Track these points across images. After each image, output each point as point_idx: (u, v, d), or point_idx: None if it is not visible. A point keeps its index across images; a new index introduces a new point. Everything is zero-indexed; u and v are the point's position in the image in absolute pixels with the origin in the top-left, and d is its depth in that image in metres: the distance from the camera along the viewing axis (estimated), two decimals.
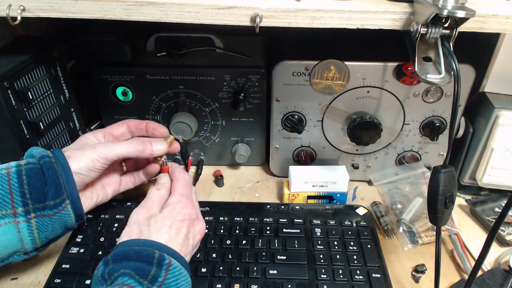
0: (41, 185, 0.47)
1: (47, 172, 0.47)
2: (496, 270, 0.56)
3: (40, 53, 0.58)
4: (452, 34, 0.47)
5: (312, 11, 0.47)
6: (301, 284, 0.52)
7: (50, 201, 0.47)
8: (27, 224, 0.46)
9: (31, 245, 0.48)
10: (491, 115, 0.63)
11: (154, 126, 0.60)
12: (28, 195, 0.46)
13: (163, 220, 0.48)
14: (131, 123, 0.61)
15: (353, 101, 0.65)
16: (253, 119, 0.72)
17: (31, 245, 0.48)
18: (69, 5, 0.47)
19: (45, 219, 0.47)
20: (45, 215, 0.47)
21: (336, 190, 0.66)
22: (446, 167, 0.46)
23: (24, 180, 0.46)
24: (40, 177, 0.47)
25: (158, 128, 0.60)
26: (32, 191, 0.46)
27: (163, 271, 0.42)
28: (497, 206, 0.67)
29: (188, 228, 0.49)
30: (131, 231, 0.48)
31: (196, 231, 0.51)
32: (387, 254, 0.59)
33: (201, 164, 0.77)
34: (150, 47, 0.72)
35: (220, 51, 0.72)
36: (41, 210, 0.47)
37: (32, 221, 0.46)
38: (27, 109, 0.55)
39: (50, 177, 0.47)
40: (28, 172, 0.46)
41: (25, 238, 0.47)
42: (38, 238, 0.47)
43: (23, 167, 0.47)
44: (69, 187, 0.49)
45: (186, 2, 0.47)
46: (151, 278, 0.41)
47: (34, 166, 0.47)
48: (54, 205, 0.47)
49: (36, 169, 0.47)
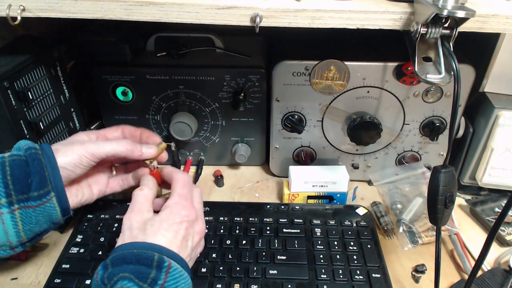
0: (24, 176, 0.46)
1: (32, 163, 0.47)
2: (496, 270, 0.56)
3: (40, 53, 0.58)
4: (452, 34, 0.47)
5: (312, 11, 0.47)
6: (301, 284, 0.52)
7: (34, 192, 0.46)
8: (11, 216, 0.46)
9: (16, 238, 0.47)
10: (491, 115, 0.63)
11: (148, 134, 0.59)
12: (11, 185, 0.45)
13: (160, 223, 0.47)
14: (126, 129, 0.60)
15: (353, 101, 0.65)
16: (253, 119, 0.72)
17: (16, 239, 0.47)
18: (69, 5, 0.47)
19: (29, 210, 0.46)
20: (28, 207, 0.46)
21: (336, 190, 0.66)
22: (446, 167, 0.46)
23: (8, 171, 0.45)
24: (24, 168, 0.46)
25: (152, 136, 0.59)
26: (15, 182, 0.46)
27: (162, 273, 0.42)
28: (497, 206, 0.67)
29: (186, 230, 0.48)
30: (125, 238, 0.46)
31: (195, 232, 0.50)
32: (387, 254, 0.59)
33: (201, 164, 0.77)
34: (150, 47, 0.72)
35: (220, 51, 0.72)
36: (24, 201, 0.46)
37: (15, 213, 0.46)
38: (27, 109, 0.55)
39: (34, 168, 0.47)
40: (12, 163, 0.46)
41: (9, 230, 0.46)
42: (22, 231, 0.47)
43: (7, 159, 0.46)
44: (55, 180, 0.48)
45: (186, 2, 0.47)
46: (150, 281, 0.40)
47: (18, 157, 0.47)
48: (38, 196, 0.47)
49: (20, 160, 0.47)
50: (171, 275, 0.42)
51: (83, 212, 0.62)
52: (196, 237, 0.50)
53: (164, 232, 0.46)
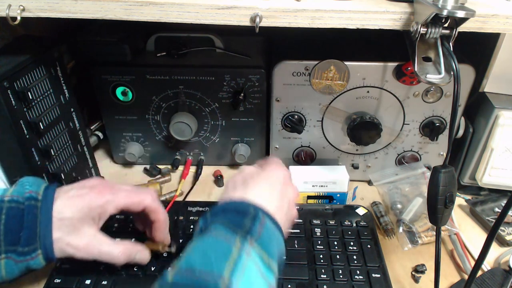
0: (17, 229, 0.45)
1: (26, 216, 0.45)
2: (496, 270, 0.56)
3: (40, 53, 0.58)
4: (452, 34, 0.46)
5: (312, 11, 0.47)
6: (301, 284, 0.52)
7: (20, 247, 0.45)
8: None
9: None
10: (491, 115, 0.63)
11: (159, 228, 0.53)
12: (2, 236, 0.44)
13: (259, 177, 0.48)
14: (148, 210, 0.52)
15: (353, 101, 0.65)
16: (253, 119, 0.72)
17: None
18: (69, 5, 0.47)
19: (12, 262, 0.45)
20: (13, 259, 0.45)
21: (336, 190, 0.66)
22: (446, 167, 0.46)
23: (2, 220, 0.44)
24: (19, 219, 0.45)
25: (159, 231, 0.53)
26: (7, 233, 0.44)
27: (257, 225, 0.41)
28: (497, 206, 0.67)
29: (282, 185, 0.48)
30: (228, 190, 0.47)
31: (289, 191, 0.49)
32: (387, 254, 0.59)
33: (201, 164, 0.77)
34: (150, 47, 0.72)
35: (220, 51, 0.72)
36: (11, 252, 0.45)
37: (1, 262, 0.45)
38: (27, 109, 0.55)
39: (27, 222, 0.45)
40: (9, 211, 0.45)
41: None
42: (5, 277, 0.45)
43: (5, 204, 0.45)
44: (44, 237, 0.45)
45: (186, 2, 0.47)
46: (246, 230, 0.40)
47: (16, 205, 0.45)
48: (22, 252, 0.45)
49: (18, 209, 0.45)
50: (265, 228, 0.41)
51: None
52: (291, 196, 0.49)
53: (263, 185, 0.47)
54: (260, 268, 0.39)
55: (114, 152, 0.77)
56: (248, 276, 0.38)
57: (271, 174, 0.49)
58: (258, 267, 0.39)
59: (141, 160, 0.77)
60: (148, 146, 0.76)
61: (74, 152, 0.66)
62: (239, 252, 0.38)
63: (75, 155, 0.66)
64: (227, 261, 0.37)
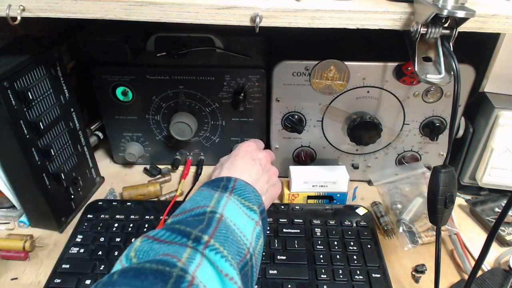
0: None
1: None
2: (496, 270, 0.56)
3: (40, 53, 0.58)
4: (452, 34, 0.46)
5: (312, 11, 0.47)
6: (301, 284, 0.52)
7: None
8: None
9: None
10: (491, 115, 0.63)
11: None
12: None
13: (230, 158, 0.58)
14: None
15: (353, 101, 0.65)
16: (253, 119, 0.72)
17: None
18: (69, 5, 0.47)
19: None
20: None
21: (336, 190, 0.66)
22: (446, 167, 0.46)
23: None
24: None
25: None
26: None
27: (231, 183, 0.49)
28: (497, 206, 0.67)
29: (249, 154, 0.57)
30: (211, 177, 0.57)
31: (259, 155, 0.58)
32: (387, 254, 0.59)
33: (201, 164, 0.77)
34: (150, 47, 0.72)
35: (220, 51, 0.72)
36: None
37: None
38: (27, 109, 0.55)
39: None
40: None
41: None
42: None
43: None
44: None
45: (186, 2, 0.47)
46: (222, 187, 0.48)
47: None
48: None
49: None
50: (238, 183, 0.49)
51: (83, 212, 0.62)
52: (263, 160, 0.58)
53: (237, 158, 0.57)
54: (241, 208, 0.47)
55: (114, 152, 0.77)
56: (230, 209, 0.45)
57: (239, 152, 0.58)
58: (239, 207, 0.46)
59: (141, 160, 0.77)
60: (148, 146, 0.76)
61: (74, 152, 0.66)
62: (220, 196, 0.47)
63: (75, 155, 0.66)
64: (211, 199, 0.46)
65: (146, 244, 0.38)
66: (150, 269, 0.34)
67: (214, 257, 0.38)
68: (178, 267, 0.34)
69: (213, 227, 0.41)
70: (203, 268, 0.36)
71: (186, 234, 0.39)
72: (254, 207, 0.48)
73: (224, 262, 0.38)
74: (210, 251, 0.38)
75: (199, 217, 0.43)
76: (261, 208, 0.49)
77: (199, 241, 0.39)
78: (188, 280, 0.33)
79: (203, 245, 0.38)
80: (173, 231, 0.40)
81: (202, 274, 0.36)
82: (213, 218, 0.42)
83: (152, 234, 0.40)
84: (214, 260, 0.38)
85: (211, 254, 0.38)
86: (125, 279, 0.33)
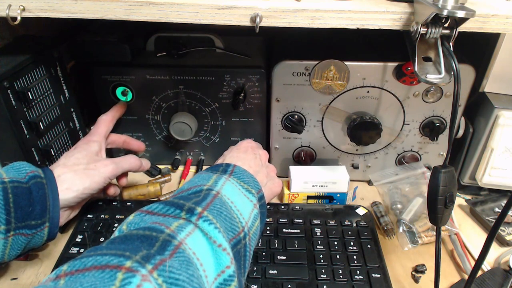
0: (27, 204, 0.47)
1: (36, 192, 0.47)
2: (496, 270, 0.56)
3: (40, 53, 0.58)
4: (452, 34, 0.46)
5: (312, 11, 0.47)
6: (301, 284, 0.52)
7: (32, 221, 0.47)
8: (4, 241, 0.46)
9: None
10: (491, 115, 0.63)
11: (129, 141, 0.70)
12: (13, 213, 0.46)
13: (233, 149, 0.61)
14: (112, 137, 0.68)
15: (353, 101, 0.65)
16: (253, 119, 0.72)
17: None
18: (69, 5, 0.47)
19: (20, 237, 0.47)
20: (22, 234, 0.47)
21: (336, 190, 0.66)
22: (446, 167, 0.46)
23: (10, 198, 0.46)
24: (28, 196, 0.47)
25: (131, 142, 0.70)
26: (17, 210, 0.46)
27: (230, 168, 0.50)
28: (497, 206, 0.67)
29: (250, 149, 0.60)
30: None
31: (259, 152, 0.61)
32: (387, 254, 0.59)
33: (201, 164, 0.77)
34: (150, 47, 0.72)
35: (220, 51, 0.72)
36: (21, 228, 0.47)
37: (9, 239, 0.46)
38: (27, 109, 0.55)
39: (38, 198, 0.47)
40: (14, 190, 0.46)
41: None
42: (7, 255, 0.47)
43: (8, 185, 0.46)
44: (53, 211, 0.49)
45: (186, 2, 0.47)
46: (221, 170, 0.50)
47: (20, 185, 0.47)
48: (35, 225, 0.48)
49: (23, 188, 0.47)
50: (237, 168, 0.51)
51: (83, 212, 0.62)
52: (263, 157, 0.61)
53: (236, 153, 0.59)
54: (240, 189, 0.47)
55: (114, 152, 0.77)
56: (228, 189, 0.46)
57: (241, 146, 0.61)
58: (238, 188, 0.47)
59: None
60: (148, 146, 0.76)
61: None
62: (218, 177, 0.48)
63: None
64: (209, 180, 0.47)
65: (139, 217, 0.39)
66: (137, 235, 0.34)
67: (208, 228, 0.38)
68: (165, 232, 0.35)
69: (207, 200, 0.42)
70: (193, 237, 0.36)
71: (179, 206, 0.40)
72: (253, 191, 0.48)
73: (217, 233, 0.38)
74: (203, 222, 0.38)
75: (195, 194, 0.44)
76: (259, 194, 0.49)
77: (193, 212, 0.39)
78: (174, 245, 0.34)
79: (196, 215, 0.39)
80: (167, 203, 0.40)
81: (192, 241, 0.36)
82: (209, 194, 0.43)
83: (146, 208, 0.40)
84: (207, 230, 0.38)
85: (204, 224, 0.38)
86: (112, 244, 0.33)
